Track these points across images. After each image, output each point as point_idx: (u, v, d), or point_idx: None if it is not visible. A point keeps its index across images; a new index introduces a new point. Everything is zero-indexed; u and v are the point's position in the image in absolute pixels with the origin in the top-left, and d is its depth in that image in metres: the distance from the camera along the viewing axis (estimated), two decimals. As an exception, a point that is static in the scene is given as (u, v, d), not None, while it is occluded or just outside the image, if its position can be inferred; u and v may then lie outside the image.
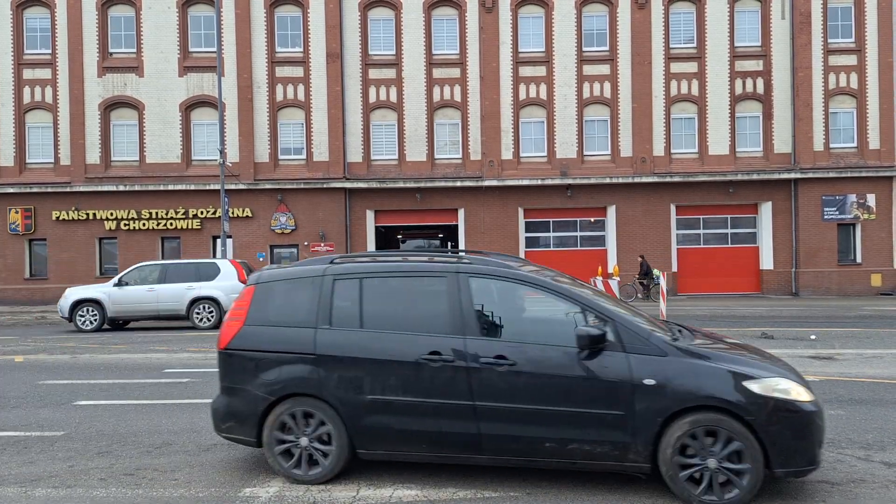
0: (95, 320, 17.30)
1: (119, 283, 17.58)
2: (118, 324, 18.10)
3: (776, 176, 27.08)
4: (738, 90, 27.48)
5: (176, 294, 17.34)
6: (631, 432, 4.65)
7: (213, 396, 5.59)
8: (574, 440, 4.76)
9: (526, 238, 28.02)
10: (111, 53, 27.17)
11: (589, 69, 27.53)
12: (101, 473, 5.52)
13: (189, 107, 27.11)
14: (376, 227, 28.62)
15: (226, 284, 17.43)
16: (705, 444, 4.56)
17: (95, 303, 17.34)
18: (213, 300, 17.35)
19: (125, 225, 26.91)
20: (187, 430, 6.86)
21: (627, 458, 4.71)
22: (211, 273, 17.74)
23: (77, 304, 17.39)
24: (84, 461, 5.87)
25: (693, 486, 4.57)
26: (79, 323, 17.29)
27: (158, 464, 5.76)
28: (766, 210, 27.69)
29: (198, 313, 17.31)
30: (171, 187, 26.76)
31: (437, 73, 27.53)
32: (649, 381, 4.63)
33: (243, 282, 16.54)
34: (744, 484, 4.48)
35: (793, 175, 27.02)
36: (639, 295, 25.49)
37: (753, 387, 4.55)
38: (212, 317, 17.27)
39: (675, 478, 4.58)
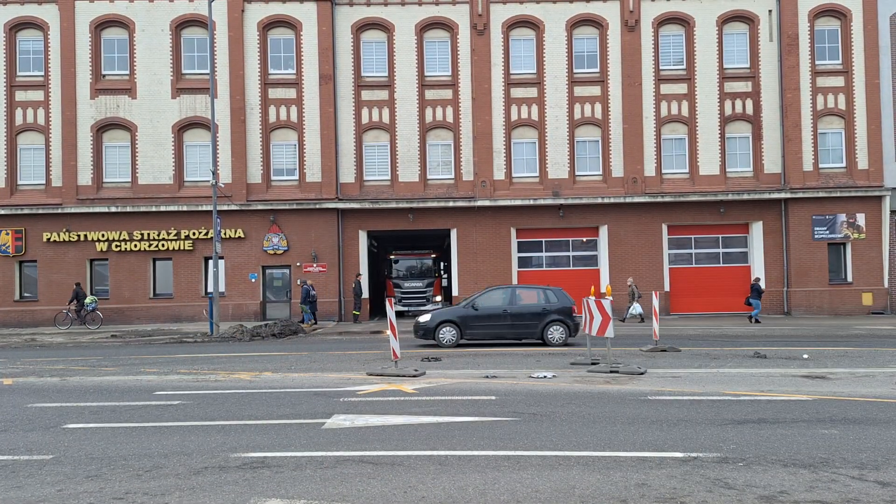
0: None
1: None
2: None
3: (766, 196, 27.27)
4: (728, 111, 27.75)
5: None
6: None
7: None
8: None
9: (518, 258, 28.06)
10: (104, 75, 27.23)
11: (580, 90, 27.76)
12: (91, 497, 5.45)
13: (182, 128, 27.14)
14: (369, 248, 28.60)
15: None
16: None
17: None
18: None
19: (116, 246, 26.81)
20: (178, 453, 6.79)
21: None
22: None
23: None
24: (73, 485, 5.79)
25: None
26: None
27: (148, 487, 5.68)
28: (756, 230, 27.85)
29: None
30: (162, 208, 26.70)
31: (430, 94, 27.70)
32: None
33: None
34: None
35: (783, 195, 27.23)
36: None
37: None
38: None
39: None
